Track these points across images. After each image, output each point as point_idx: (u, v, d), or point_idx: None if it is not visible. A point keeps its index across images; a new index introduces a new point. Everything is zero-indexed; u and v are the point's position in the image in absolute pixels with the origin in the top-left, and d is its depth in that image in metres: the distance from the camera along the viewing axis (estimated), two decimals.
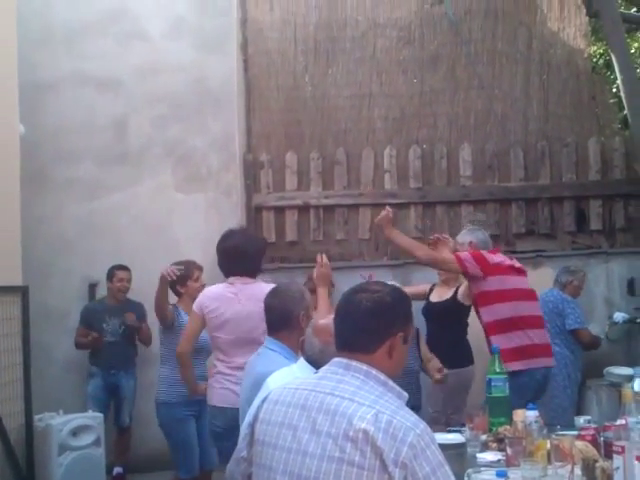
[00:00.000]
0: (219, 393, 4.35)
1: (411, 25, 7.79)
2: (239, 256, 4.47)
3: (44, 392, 6.23)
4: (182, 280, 5.24)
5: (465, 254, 4.95)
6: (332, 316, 2.39)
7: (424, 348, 5.38)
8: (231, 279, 4.49)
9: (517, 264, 5.10)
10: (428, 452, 1.94)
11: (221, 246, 4.63)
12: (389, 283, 2.40)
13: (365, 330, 2.14)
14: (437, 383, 5.18)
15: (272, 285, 4.20)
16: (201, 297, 4.54)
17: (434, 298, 6.00)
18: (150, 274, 6.44)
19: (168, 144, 7.20)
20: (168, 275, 5.07)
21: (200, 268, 5.37)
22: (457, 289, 5.80)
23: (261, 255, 4.67)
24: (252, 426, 2.24)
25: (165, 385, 5.17)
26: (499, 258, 5.03)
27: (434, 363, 5.19)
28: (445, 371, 5.05)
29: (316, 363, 2.87)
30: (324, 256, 4.53)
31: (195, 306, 4.51)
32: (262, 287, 4.23)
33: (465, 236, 5.31)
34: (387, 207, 5.14)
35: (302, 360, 3.14)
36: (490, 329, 4.89)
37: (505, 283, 4.93)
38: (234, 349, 4.34)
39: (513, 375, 4.25)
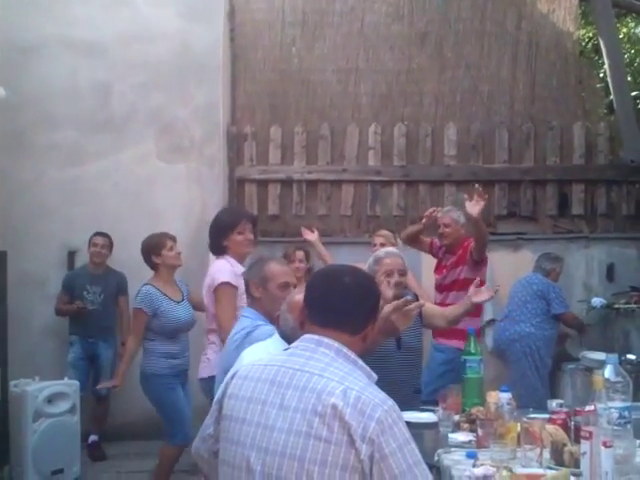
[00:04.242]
0: None
1: (400, 1, 7.73)
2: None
3: (20, 358, 6.20)
4: (156, 250, 5.22)
5: None
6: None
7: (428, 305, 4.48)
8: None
9: None
10: (395, 429, 1.96)
11: None
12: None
13: (356, 314, 2.18)
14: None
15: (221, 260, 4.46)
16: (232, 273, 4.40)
17: None
18: (130, 242, 6.46)
19: (151, 113, 7.12)
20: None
21: (173, 238, 5.33)
22: None
23: (213, 232, 4.62)
24: (220, 402, 2.24)
25: (154, 357, 5.14)
26: None
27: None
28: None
29: (289, 339, 2.89)
30: None
31: (232, 279, 4.35)
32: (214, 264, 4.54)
33: (461, 217, 5.71)
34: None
35: (277, 335, 3.14)
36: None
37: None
38: None
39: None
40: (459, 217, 5.76)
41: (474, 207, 5.15)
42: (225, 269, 4.38)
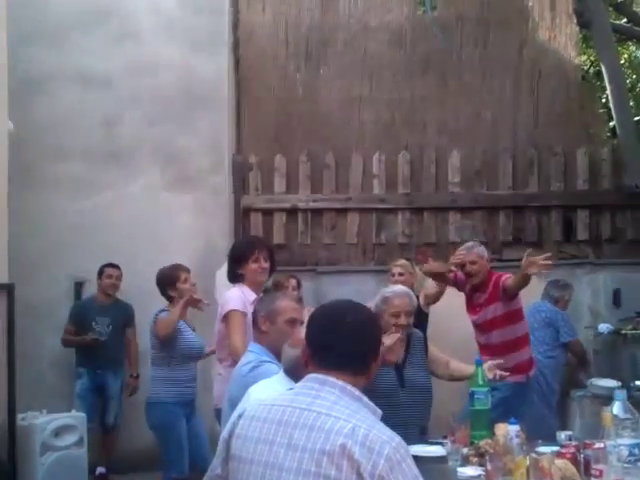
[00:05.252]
0: None
1: (402, 29, 7.80)
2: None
3: (28, 391, 6.20)
4: (171, 283, 5.29)
5: None
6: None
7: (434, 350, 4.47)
8: None
9: None
10: (404, 465, 1.96)
11: None
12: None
13: (360, 354, 2.18)
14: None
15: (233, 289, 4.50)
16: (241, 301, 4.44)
17: None
18: (137, 273, 6.52)
19: (157, 144, 7.17)
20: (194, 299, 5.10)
21: (187, 270, 5.40)
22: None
23: (230, 261, 4.70)
24: (227, 442, 2.24)
25: (159, 385, 5.19)
26: None
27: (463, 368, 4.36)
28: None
29: (290, 373, 2.99)
30: None
31: (240, 307, 4.39)
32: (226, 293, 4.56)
33: (484, 251, 5.64)
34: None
35: (282, 373, 3.15)
36: (522, 343, 5.44)
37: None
38: None
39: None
40: (483, 252, 5.61)
41: (534, 268, 5.11)
42: (234, 297, 4.43)
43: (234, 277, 4.63)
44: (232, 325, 4.35)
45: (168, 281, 5.28)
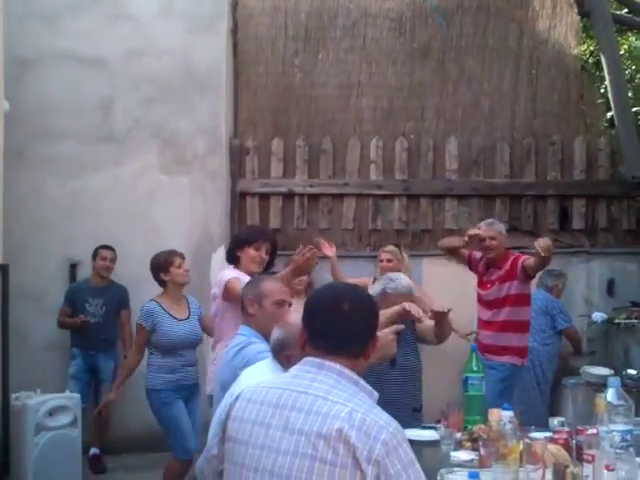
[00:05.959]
0: None
1: (402, 16, 7.76)
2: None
3: (22, 371, 6.19)
4: (164, 267, 5.31)
5: None
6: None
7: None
8: None
9: None
10: (400, 450, 1.97)
11: None
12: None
13: (357, 339, 2.18)
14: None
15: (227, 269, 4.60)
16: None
17: None
18: (131, 256, 6.53)
19: (154, 126, 7.14)
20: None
21: (181, 255, 5.42)
22: None
23: (232, 242, 4.82)
24: (224, 424, 2.24)
25: (152, 371, 5.26)
26: None
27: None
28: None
29: (274, 352, 3.05)
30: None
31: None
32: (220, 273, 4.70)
33: (503, 228, 5.84)
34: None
35: (271, 357, 3.15)
36: (524, 327, 5.63)
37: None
38: None
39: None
40: (502, 229, 5.81)
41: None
42: (230, 272, 4.52)
43: (231, 258, 4.70)
44: (235, 288, 4.28)
45: (162, 265, 5.31)
